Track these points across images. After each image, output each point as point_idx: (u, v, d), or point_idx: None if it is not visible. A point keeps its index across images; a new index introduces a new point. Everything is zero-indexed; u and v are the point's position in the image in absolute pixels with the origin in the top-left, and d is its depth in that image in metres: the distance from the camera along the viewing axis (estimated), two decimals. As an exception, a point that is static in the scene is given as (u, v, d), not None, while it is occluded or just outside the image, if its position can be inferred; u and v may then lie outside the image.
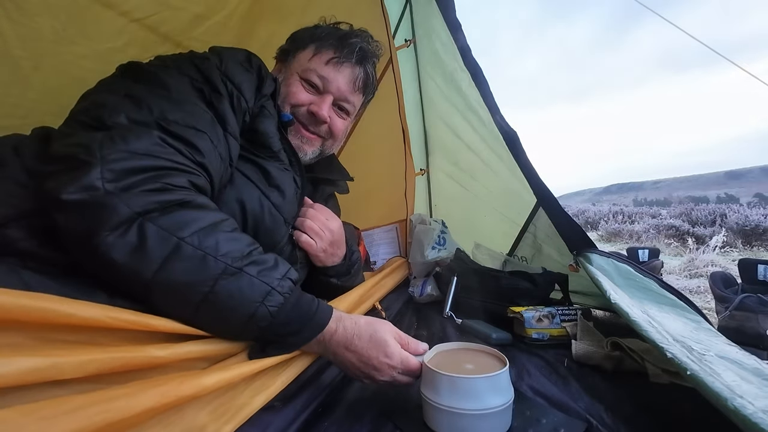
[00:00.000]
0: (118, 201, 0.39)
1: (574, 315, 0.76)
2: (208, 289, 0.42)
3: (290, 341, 0.48)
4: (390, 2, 1.29)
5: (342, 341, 0.50)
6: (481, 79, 1.13)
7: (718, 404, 0.38)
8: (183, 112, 0.50)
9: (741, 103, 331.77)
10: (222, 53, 0.60)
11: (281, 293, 0.46)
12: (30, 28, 0.64)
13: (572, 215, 1.04)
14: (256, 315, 0.44)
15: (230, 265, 0.43)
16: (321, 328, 0.49)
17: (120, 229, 0.39)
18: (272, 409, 0.45)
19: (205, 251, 0.42)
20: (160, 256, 0.40)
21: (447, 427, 0.43)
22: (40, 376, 0.28)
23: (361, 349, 0.50)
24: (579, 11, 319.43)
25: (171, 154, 0.46)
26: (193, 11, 0.83)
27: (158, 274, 0.40)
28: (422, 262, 1.23)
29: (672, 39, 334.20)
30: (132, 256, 0.40)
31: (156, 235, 0.40)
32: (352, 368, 0.51)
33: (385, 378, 0.50)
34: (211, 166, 0.51)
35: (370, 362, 0.50)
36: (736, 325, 0.89)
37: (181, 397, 0.35)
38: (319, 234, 0.71)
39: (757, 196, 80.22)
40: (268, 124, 0.63)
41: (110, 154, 0.41)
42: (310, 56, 0.72)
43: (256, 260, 0.46)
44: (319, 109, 0.71)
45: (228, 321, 0.44)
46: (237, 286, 0.43)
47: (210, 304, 0.42)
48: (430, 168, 1.77)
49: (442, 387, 0.44)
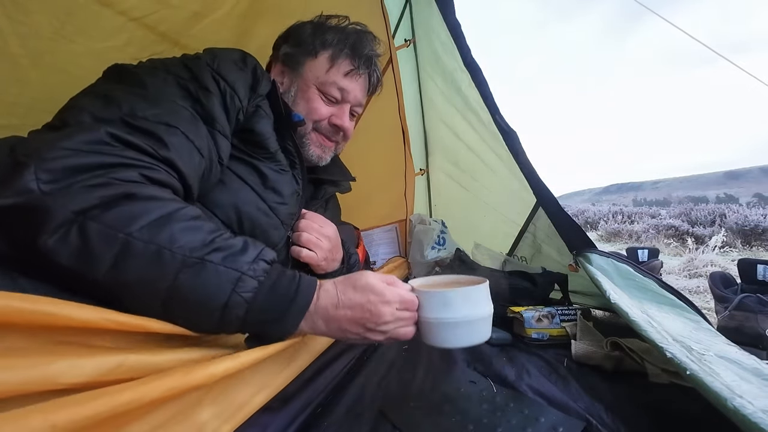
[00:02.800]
0: (53, 202, 0.36)
1: (573, 315, 0.76)
2: (169, 283, 0.39)
3: (276, 329, 0.45)
4: (390, 2, 1.29)
5: (328, 304, 0.47)
6: (481, 79, 1.13)
7: (718, 404, 0.38)
8: (157, 108, 0.48)
9: (741, 104, 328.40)
10: (216, 52, 0.60)
11: (254, 277, 0.43)
12: (28, 26, 0.64)
13: (572, 215, 1.04)
14: (229, 305, 0.41)
15: (189, 257, 0.40)
16: (307, 306, 0.46)
17: (59, 232, 0.37)
18: (272, 409, 0.45)
19: (158, 245, 0.39)
20: (108, 256, 0.38)
21: (436, 336, 0.49)
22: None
23: (351, 302, 0.47)
24: (579, 11, 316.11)
25: (120, 150, 0.42)
26: (191, 9, 0.83)
27: (109, 275, 0.38)
28: (422, 262, 1.23)
29: (672, 39, 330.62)
30: (78, 258, 0.37)
31: (99, 235, 0.37)
32: (351, 328, 0.47)
33: (387, 323, 0.47)
34: (180, 161, 0.48)
35: (366, 309, 0.47)
36: (736, 325, 0.89)
37: (189, 386, 0.34)
38: (318, 244, 0.71)
39: (756, 196, 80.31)
40: (264, 125, 0.63)
41: (48, 152, 0.38)
42: (326, 68, 0.71)
43: (220, 246, 0.43)
44: (342, 122, 0.73)
45: (200, 314, 0.41)
46: (200, 277, 0.40)
47: (176, 301, 0.40)
48: (429, 168, 1.77)
49: (427, 303, 0.49)
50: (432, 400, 0.51)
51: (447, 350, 0.67)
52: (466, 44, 1.13)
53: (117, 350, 0.36)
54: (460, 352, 0.67)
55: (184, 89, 0.53)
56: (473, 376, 0.58)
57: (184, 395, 0.35)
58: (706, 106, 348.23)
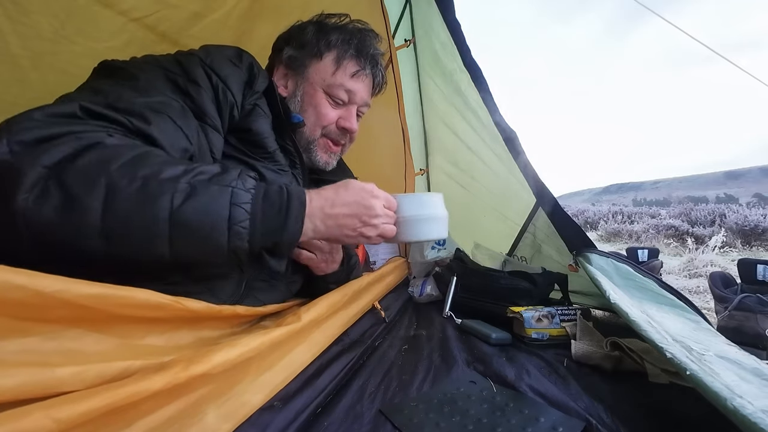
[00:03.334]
0: (22, 161, 0.35)
1: (573, 315, 0.76)
2: (167, 214, 0.38)
3: (284, 236, 0.46)
4: (390, 2, 1.30)
5: (323, 204, 0.50)
6: (481, 80, 1.13)
7: (718, 404, 0.38)
8: (146, 97, 0.48)
9: (740, 104, 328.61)
10: (210, 48, 0.60)
11: (245, 190, 0.43)
12: (29, 26, 0.64)
13: (572, 215, 1.04)
14: (232, 219, 0.41)
15: (178, 183, 0.39)
16: (303, 205, 0.48)
17: (36, 187, 0.35)
18: (272, 409, 0.45)
19: (142, 178, 0.38)
20: (96, 204, 0.36)
21: (411, 230, 0.59)
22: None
23: (346, 199, 0.52)
24: (579, 12, 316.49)
25: (95, 120, 0.42)
26: (191, 9, 0.83)
27: (106, 221, 0.36)
28: (422, 262, 1.23)
29: (672, 39, 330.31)
30: (63, 213, 0.35)
31: (78, 183, 0.36)
32: (348, 223, 0.51)
33: (378, 216, 0.53)
34: (161, 138, 0.46)
35: (361, 204, 0.52)
36: (736, 324, 0.89)
37: (189, 378, 0.34)
38: (317, 246, 0.70)
39: (756, 196, 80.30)
40: (262, 124, 0.62)
41: (19, 123, 0.37)
42: (332, 70, 0.70)
43: (203, 170, 0.43)
44: (351, 124, 0.72)
45: (208, 239, 0.41)
46: (196, 200, 0.39)
47: (180, 231, 0.39)
48: (429, 168, 1.77)
49: (404, 203, 0.59)
50: (432, 400, 0.51)
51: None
52: (466, 44, 1.13)
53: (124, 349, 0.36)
54: (460, 351, 0.68)
55: (172, 82, 0.53)
56: (473, 376, 0.58)
57: (185, 390, 0.35)
58: (706, 106, 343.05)
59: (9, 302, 0.28)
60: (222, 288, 0.57)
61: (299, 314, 0.56)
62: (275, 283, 0.67)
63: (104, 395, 0.28)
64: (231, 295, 0.58)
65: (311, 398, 0.49)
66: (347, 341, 0.68)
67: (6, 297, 0.28)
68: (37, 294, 0.29)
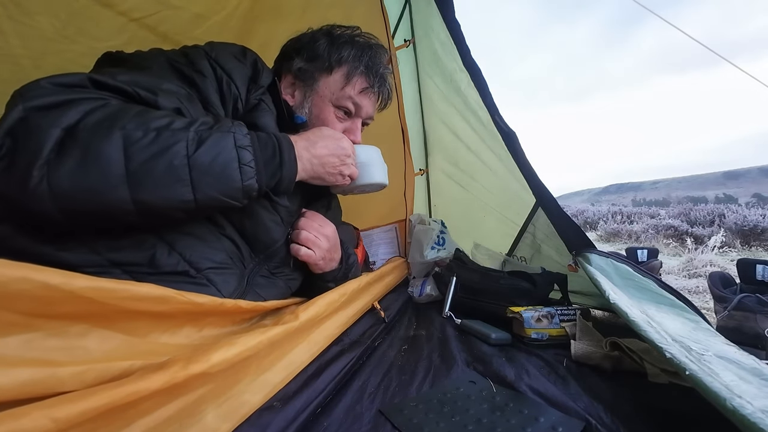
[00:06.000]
0: (39, 123, 0.38)
1: (573, 315, 0.76)
2: (186, 161, 0.43)
3: (284, 172, 0.54)
4: (389, 2, 1.30)
5: (306, 144, 0.59)
6: (480, 80, 1.13)
7: (717, 404, 0.38)
8: (154, 81, 0.50)
9: (740, 104, 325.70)
10: (215, 44, 0.62)
11: (243, 135, 0.50)
12: (30, 26, 0.65)
13: (571, 215, 1.05)
14: (240, 159, 0.47)
15: (189, 132, 0.44)
16: (292, 146, 0.56)
17: (55, 148, 0.38)
18: (272, 409, 0.45)
19: (156, 130, 0.42)
20: (117, 155, 0.39)
21: (367, 173, 0.72)
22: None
23: (323, 139, 0.62)
24: (580, 12, 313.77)
25: (103, 90, 0.45)
26: (193, 11, 0.83)
27: (129, 168, 0.39)
28: (421, 262, 1.23)
29: (672, 40, 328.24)
30: (86, 168, 0.38)
31: (95, 136, 0.39)
32: (330, 160, 0.61)
33: (349, 155, 0.65)
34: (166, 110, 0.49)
35: (335, 144, 0.62)
36: (735, 325, 0.89)
37: (188, 376, 0.34)
38: (316, 243, 0.71)
39: (755, 196, 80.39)
40: (267, 119, 0.63)
41: (32, 90, 0.40)
42: (341, 85, 0.72)
43: (204, 121, 0.48)
44: (355, 137, 0.75)
45: (224, 179, 0.46)
46: (207, 144, 0.45)
47: (198, 173, 0.43)
48: (429, 168, 1.77)
49: (359, 150, 0.71)
50: (432, 400, 0.51)
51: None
52: (465, 44, 1.13)
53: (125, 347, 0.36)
54: (460, 352, 0.68)
55: (179, 72, 0.55)
56: (473, 376, 0.58)
57: (184, 390, 0.35)
58: (706, 106, 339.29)
59: (15, 295, 0.28)
60: (225, 282, 0.57)
61: (297, 313, 0.56)
62: (275, 280, 0.68)
63: (103, 395, 0.28)
64: (234, 290, 0.59)
65: (311, 398, 0.49)
66: (347, 341, 0.68)
67: (13, 290, 0.28)
68: (44, 286, 0.29)
